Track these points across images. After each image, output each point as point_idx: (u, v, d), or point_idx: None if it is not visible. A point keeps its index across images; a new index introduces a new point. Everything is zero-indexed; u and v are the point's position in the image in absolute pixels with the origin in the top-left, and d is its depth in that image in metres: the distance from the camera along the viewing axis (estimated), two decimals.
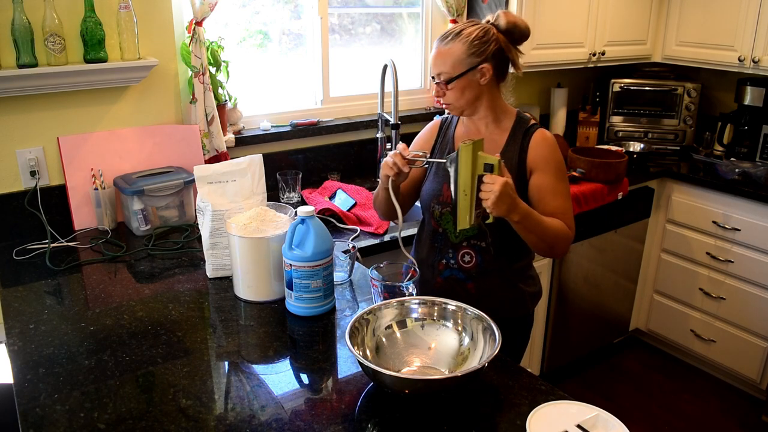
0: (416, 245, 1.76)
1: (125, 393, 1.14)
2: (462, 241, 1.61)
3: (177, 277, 1.64)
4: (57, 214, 1.95)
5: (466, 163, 1.36)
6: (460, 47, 1.50)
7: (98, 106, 1.98)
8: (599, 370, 3.06)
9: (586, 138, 3.21)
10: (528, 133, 1.57)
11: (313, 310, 1.41)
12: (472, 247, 1.61)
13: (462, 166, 1.37)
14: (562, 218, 1.53)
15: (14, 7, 1.71)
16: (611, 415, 1.03)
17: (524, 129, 1.58)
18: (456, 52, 1.50)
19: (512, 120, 1.60)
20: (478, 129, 1.63)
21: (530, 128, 1.58)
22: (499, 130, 1.60)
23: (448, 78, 1.52)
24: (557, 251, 1.54)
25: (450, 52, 1.50)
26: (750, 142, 2.95)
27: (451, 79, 1.52)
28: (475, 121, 1.62)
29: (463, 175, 1.37)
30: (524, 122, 1.60)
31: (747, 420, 2.72)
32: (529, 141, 1.56)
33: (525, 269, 1.68)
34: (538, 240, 1.49)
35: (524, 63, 1.59)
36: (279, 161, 2.41)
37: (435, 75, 1.55)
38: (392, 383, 1.08)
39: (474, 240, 1.60)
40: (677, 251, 2.98)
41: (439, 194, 1.61)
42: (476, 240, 1.60)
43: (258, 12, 2.41)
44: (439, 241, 1.65)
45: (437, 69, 1.53)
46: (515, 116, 1.61)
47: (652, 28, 3.08)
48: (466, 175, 1.37)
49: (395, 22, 2.80)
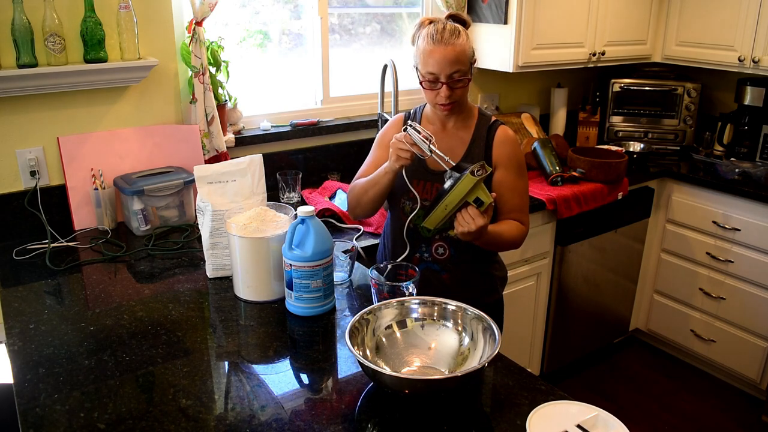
0: (385, 240, 1.79)
1: (125, 393, 1.14)
2: (434, 235, 1.66)
3: (177, 277, 1.64)
4: (57, 214, 1.95)
5: (464, 189, 1.40)
6: (468, 43, 1.53)
7: (98, 106, 1.98)
8: (599, 370, 3.06)
9: (586, 138, 3.21)
10: (491, 130, 1.64)
11: (313, 310, 1.41)
12: (444, 240, 1.67)
13: (458, 189, 1.41)
14: (518, 216, 1.65)
15: (14, 7, 1.71)
16: (611, 415, 1.03)
17: (487, 125, 1.65)
18: (468, 49, 1.53)
19: (475, 116, 1.66)
20: (443, 124, 1.67)
21: (493, 125, 1.65)
22: (464, 126, 1.65)
23: (463, 76, 1.54)
24: (512, 248, 1.69)
25: (464, 49, 1.52)
26: (750, 142, 2.95)
27: (468, 77, 1.55)
28: (442, 118, 1.66)
29: (454, 197, 1.42)
30: (486, 119, 1.67)
31: (747, 420, 2.72)
32: (494, 137, 1.63)
33: (492, 254, 1.77)
34: (496, 248, 1.70)
35: (524, 63, 1.60)
36: (279, 161, 2.41)
37: (449, 74, 1.51)
38: (392, 383, 1.08)
39: (446, 232, 1.66)
40: (677, 251, 2.98)
41: (408, 191, 1.64)
42: (447, 232, 1.66)
43: (258, 12, 2.41)
44: (410, 237, 1.68)
45: (453, 67, 1.51)
46: (477, 112, 1.67)
47: (652, 28, 3.08)
48: (456, 197, 1.42)
49: (395, 22, 2.80)
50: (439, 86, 1.54)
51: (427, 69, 1.53)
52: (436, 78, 1.53)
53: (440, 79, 1.52)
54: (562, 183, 2.57)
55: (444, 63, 1.50)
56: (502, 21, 2.61)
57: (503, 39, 2.63)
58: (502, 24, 2.62)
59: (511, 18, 2.58)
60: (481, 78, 2.97)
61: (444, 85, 1.53)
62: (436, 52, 1.50)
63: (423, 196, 1.63)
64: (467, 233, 1.43)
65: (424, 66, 1.53)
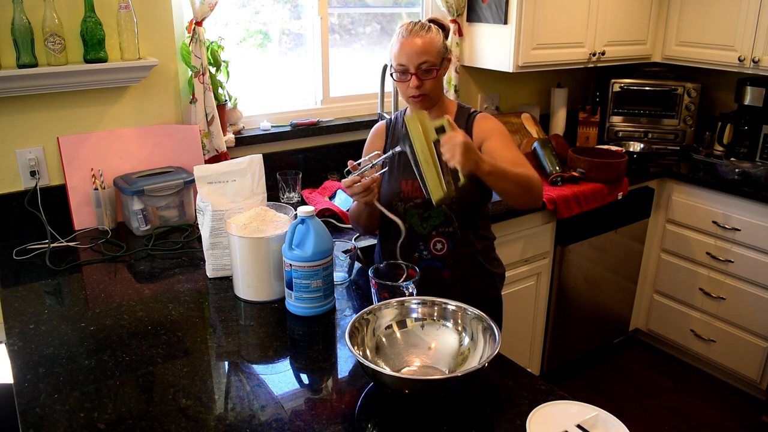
0: (383, 245, 1.79)
1: (125, 393, 1.14)
2: (431, 231, 1.67)
3: (177, 277, 1.64)
4: (57, 214, 1.95)
5: (417, 133, 1.37)
6: (438, 37, 1.58)
7: (98, 106, 1.98)
8: (599, 370, 3.06)
9: (586, 138, 3.21)
10: (471, 118, 1.68)
11: (313, 310, 1.41)
12: (441, 235, 1.67)
13: (414, 137, 1.37)
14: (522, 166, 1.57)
15: (14, 7, 1.71)
16: (611, 415, 1.03)
17: (466, 116, 1.69)
18: (437, 42, 1.57)
19: (454, 110, 1.70)
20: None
21: (472, 114, 1.69)
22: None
23: (432, 66, 1.57)
24: (535, 194, 1.57)
25: (432, 41, 1.56)
26: (750, 142, 2.95)
27: (436, 68, 1.57)
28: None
29: (419, 145, 1.37)
30: (465, 110, 1.71)
31: (747, 420, 2.72)
32: (473, 122, 1.67)
33: (490, 251, 1.77)
34: (515, 186, 1.50)
35: (524, 63, 1.61)
36: (279, 161, 2.41)
37: (417, 64, 1.55)
38: (392, 383, 1.08)
39: (442, 227, 1.67)
40: (677, 251, 2.98)
41: (399, 191, 1.67)
42: (444, 227, 1.67)
43: (258, 12, 2.41)
44: (407, 236, 1.68)
45: (421, 58, 1.55)
46: (456, 106, 1.71)
47: (652, 28, 3.08)
48: (421, 143, 1.36)
49: (395, 22, 2.80)
50: (409, 78, 1.57)
51: (397, 61, 1.58)
52: (405, 69, 1.57)
53: (409, 69, 1.57)
54: (562, 183, 2.57)
55: (412, 53, 1.55)
56: (502, 21, 2.61)
57: (503, 39, 2.63)
58: (502, 24, 2.62)
59: (511, 18, 2.58)
60: (481, 78, 2.97)
61: (413, 75, 1.56)
62: (405, 44, 1.56)
63: (414, 195, 1.65)
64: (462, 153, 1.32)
65: (395, 59, 1.59)
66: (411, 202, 1.66)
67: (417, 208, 1.66)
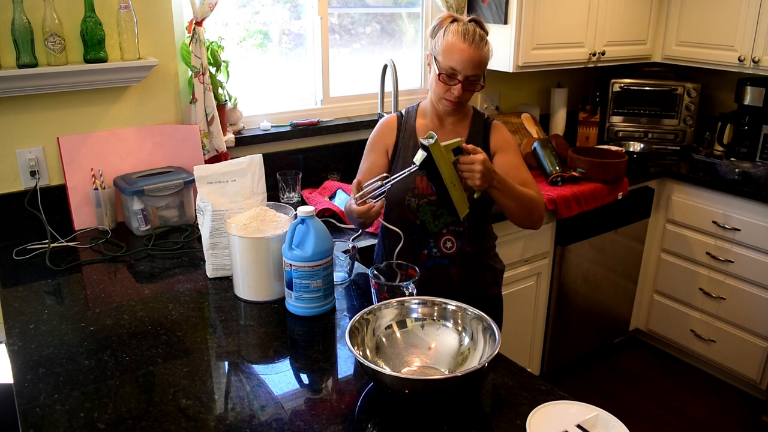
0: (383, 240, 1.80)
1: (125, 393, 1.14)
2: (442, 229, 1.69)
3: (177, 277, 1.64)
4: (57, 214, 1.95)
5: (442, 157, 1.41)
6: (489, 54, 1.61)
7: (98, 106, 1.98)
8: (599, 370, 3.06)
9: (586, 138, 3.21)
10: (487, 123, 1.73)
11: (313, 310, 1.41)
12: (451, 233, 1.70)
13: (440, 162, 1.42)
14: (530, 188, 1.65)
15: (14, 7, 1.71)
16: (611, 415, 1.03)
17: (482, 121, 1.74)
18: (488, 58, 1.61)
19: (470, 114, 1.74)
20: (441, 120, 1.73)
21: (488, 120, 1.75)
22: (461, 122, 1.73)
23: (478, 80, 1.61)
24: (536, 217, 1.64)
25: (486, 57, 1.61)
26: (750, 142, 2.95)
27: (481, 83, 1.61)
28: (440, 114, 1.71)
29: (445, 169, 1.43)
30: (481, 115, 1.76)
31: (747, 420, 2.72)
32: (490, 128, 1.72)
33: (492, 248, 1.83)
34: (518, 205, 1.58)
35: (524, 63, 1.62)
36: (279, 161, 2.41)
37: (468, 75, 1.57)
38: (392, 383, 1.08)
39: (452, 226, 1.69)
40: (677, 251, 2.98)
41: (413, 187, 1.67)
42: (454, 225, 1.69)
43: (258, 12, 2.41)
44: (417, 233, 1.70)
45: (474, 71, 1.57)
46: (472, 110, 1.75)
47: (652, 28, 3.08)
48: (447, 168, 1.43)
49: (395, 22, 2.80)
50: (455, 83, 1.58)
51: (449, 63, 1.57)
52: (454, 74, 1.58)
53: (458, 76, 1.58)
54: (562, 183, 2.57)
55: (468, 63, 1.56)
56: (502, 21, 2.61)
57: (503, 39, 2.63)
58: (502, 24, 2.62)
59: (511, 18, 2.58)
60: None
61: (460, 83, 1.58)
62: (465, 51, 1.56)
63: (428, 192, 1.66)
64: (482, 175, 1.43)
65: (447, 60, 1.57)
66: (425, 199, 1.67)
67: (431, 205, 1.67)
